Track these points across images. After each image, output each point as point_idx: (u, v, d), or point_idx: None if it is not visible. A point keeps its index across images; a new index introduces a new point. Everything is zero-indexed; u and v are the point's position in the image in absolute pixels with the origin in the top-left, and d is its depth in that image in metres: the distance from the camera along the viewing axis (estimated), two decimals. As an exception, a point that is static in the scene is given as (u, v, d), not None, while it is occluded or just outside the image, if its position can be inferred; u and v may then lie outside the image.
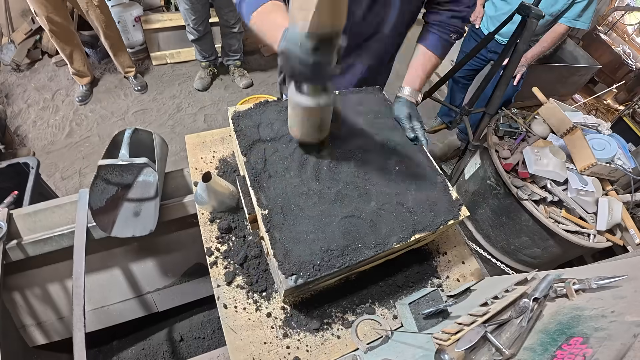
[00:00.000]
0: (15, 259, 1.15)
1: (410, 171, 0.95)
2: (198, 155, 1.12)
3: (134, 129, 1.19)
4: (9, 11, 3.10)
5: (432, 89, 2.20)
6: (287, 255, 0.74)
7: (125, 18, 3.06)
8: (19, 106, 2.87)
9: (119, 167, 1.17)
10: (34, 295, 1.30)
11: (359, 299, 0.94)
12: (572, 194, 1.73)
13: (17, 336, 1.28)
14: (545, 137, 1.98)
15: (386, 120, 1.05)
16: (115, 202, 1.19)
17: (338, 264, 0.75)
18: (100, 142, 2.71)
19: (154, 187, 1.22)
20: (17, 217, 1.16)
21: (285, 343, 0.84)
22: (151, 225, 1.12)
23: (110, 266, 1.38)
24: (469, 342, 0.55)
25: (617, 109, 4.07)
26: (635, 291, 0.51)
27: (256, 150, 0.90)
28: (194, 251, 1.44)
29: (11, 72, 3.11)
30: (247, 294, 0.89)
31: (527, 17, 1.57)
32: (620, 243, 1.73)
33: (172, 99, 3.11)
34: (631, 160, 1.82)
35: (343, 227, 0.80)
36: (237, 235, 0.98)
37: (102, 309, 1.40)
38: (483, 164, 2.01)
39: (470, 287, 0.90)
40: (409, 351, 0.74)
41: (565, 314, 0.57)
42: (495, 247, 2.06)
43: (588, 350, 0.45)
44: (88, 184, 2.60)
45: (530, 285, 0.68)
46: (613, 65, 4.26)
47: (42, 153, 2.59)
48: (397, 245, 0.80)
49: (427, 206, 0.88)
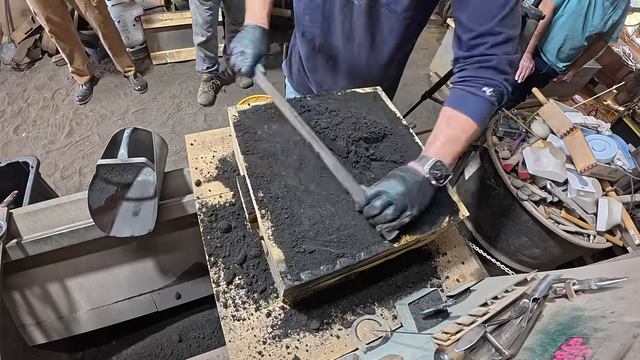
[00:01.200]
0: (15, 258, 1.15)
1: (410, 171, 0.95)
2: (198, 154, 1.12)
3: (133, 129, 1.19)
4: (9, 10, 3.11)
5: (432, 89, 2.20)
6: (287, 255, 0.74)
7: (125, 17, 3.06)
8: (19, 105, 2.87)
9: (118, 166, 1.17)
10: (33, 294, 1.29)
11: (358, 299, 0.94)
12: (572, 194, 1.73)
13: (16, 335, 1.28)
14: (545, 137, 1.98)
15: (384, 119, 1.05)
16: (115, 201, 1.19)
17: (338, 264, 0.75)
18: (100, 142, 2.71)
19: (153, 186, 1.22)
20: (17, 216, 1.16)
21: (284, 343, 0.84)
22: (150, 225, 1.12)
23: (110, 265, 1.38)
24: (469, 342, 0.55)
25: (617, 109, 4.07)
26: (635, 292, 0.51)
27: (256, 150, 0.90)
28: (194, 251, 1.44)
29: (11, 71, 3.11)
30: (247, 294, 0.89)
31: (527, 17, 1.57)
32: (620, 244, 1.73)
33: (172, 99, 3.11)
34: (631, 161, 1.82)
35: (343, 226, 0.80)
36: (237, 235, 0.98)
37: (102, 308, 1.40)
38: (483, 164, 2.01)
39: (470, 287, 0.90)
40: (408, 351, 0.74)
41: (565, 314, 0.57)
42: (495, 248, 2.06)
43: (588, 350, 0.45)
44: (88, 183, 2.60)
45: (530, 286, 0.68)
46: (613, 66, 4.27)
47: (42, 152, 2.59)
48: (397, 245, 0.80)
49: (427, 206, 0.88)
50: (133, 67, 3.04)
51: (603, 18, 2.12)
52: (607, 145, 1.81)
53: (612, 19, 2.13)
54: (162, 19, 3.16)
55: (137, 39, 3.28)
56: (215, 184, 1.06)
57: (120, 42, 2.88)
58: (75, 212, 1.20)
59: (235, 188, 1.05)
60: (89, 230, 1.17)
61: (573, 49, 2.30)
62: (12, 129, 2.71)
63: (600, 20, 2.12)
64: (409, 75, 3.87)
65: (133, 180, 1.25)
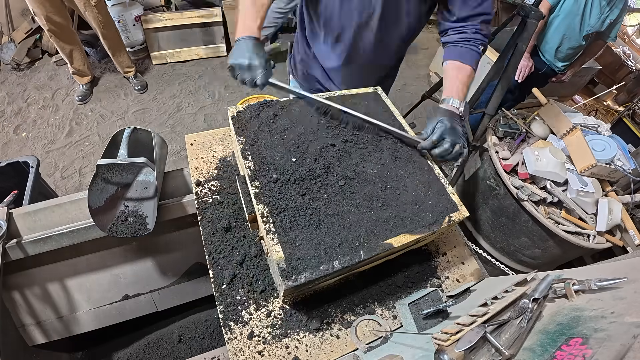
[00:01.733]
0: (15, 258, 1.15)
1: (410, 171, 0.95)
2: (198, 154, 1.12)
3: (133, 129, 1.19)
4: (9, 10, 3.11)
5: (432, 89, 2.20)
6: (287, 255, 0.74)
7: (125, 17, 3.06)
8: (19, 105, 2.87)
9: (118, 166, 1.17)
10: (33, 294, 1.29)
11: (358, 299, 0.94)
12: (571, 194, 1.73)
13: (16, 335, 1.28)
14: (545, 137, 1.98)
15: (385, 119, 1.05)
16: (114, 201, 1.19)
17: (338, 264, 0.75)
18: (100, 141, 2.71)
19: (153, 186, 1.22)
20: (17, 216, 1.16)
21: (284, 343, 0.84)
22: (150, 225, 1.12)
23: (109, 265, 1.38)
24: (469, 342, 0.55)
25: (617, 110, 4.07)
26: (635, 292, 0.51)
27: (256, 150, 0.90)
28: (194, 251, 1.44)
29: (11, 71, 3.11)
30: (247, 294, 0.89)
31: (527, 18, 1.57)
32: (620, 244, 1.73)
33: (172, 99, 3.11)
34: (631, 161, 1.83)
35: (343, 226, 0.80)
36: (237, 235, 0.98)
37: (102, 308, 1.40)
38: (483, 164, 2.01)
39: (469, 287, 0.90)
40: (408, 351, 0.74)
41: (564, 314, 0.57)
42: (495, 248, 2.06)
43: (588, 351, 0.45)
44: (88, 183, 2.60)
45: (530, 286, 0.68)
46: (613, 66, 4.27)
47: (42, 152, 2.59)
48: (396, 245, 0.80)
49: (427, 206, 0.88)
50: (133, 67, 3.04)
51: (600, 17, 2.11)
52: (607, 146, 1.81)
53: (610, 18, 2.12)
54: (162, 19, 3.17)
55: (137, 39, 3.28)
56: (215, 184, 1.06)
57: (120, 43, 2.87)
58: (75, 212, 1.20)
59: (235, 188, 1.05)
60: (89, 230, 1.17)
61: (571, 48, 2.29)
62: (12, 128, 2.71)
63: (598, 19, 2.11)
64: (409, 75, 3.88)
65: (133, 180, 1.25)
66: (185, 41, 3.34)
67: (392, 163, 0.95)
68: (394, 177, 0.92)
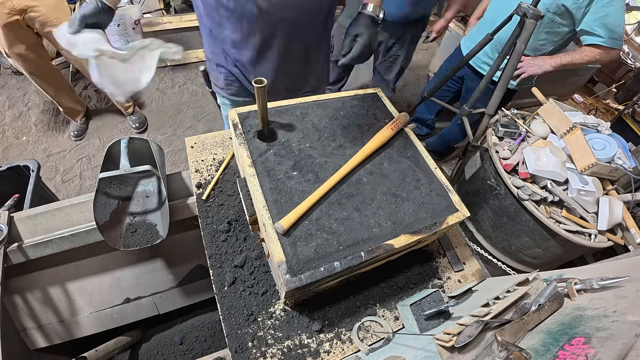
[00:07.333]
0: (16, 261, 1.15)
1: (410, 172, 0.95)
2: (198, 157, 1.12)
3: (129, 139, 1.18)
4: (9, 15, 3.10)
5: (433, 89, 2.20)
6: (288, 256, 0.74)
7: (124, 21, 3.07)
8: (19, 109, 2.88)
9: (118, 179, 1.15)
10: (34, 298, 1.29)
11: (360, 300, 0.94)
12: (572, 193, 1.73)
13: (18, 339, 1.28)
14: (545, 137, 1.97)
15: (385, 122, 1.05)
16: (118, 215, 1.17)
17: (339, 265, 0.75)
18: (101, 145, 2.71)
19: (154, 195, 1.21)
20: (18, 220, 1.17)
21: (286, 345, 0.84)
22: (162, 232, 1.11)
23: (111, 269, 1.38)
24: (468, 337, 0.55)
25: (617, 108, 4.07)
26: (637, 291, 0.51)
27: (256, 152, 0.90)
28: (195, 253, 1.44)
29: (11, 75, 3.11)
30: (248, 296, 0.89)
31: (526, 17, 1.57)
32: (622, 243, 1.72)
33: (171, 101, 3.12)
34: (631, 160, 1.82)
35: (344, 228, 0.80)
36: (238, 237, 0.98)
37: (103, 311, 1.40)
38: (483, 164, 2.01)
39: (471, 287, 0.90)
40: (410, 352, 0.74)
41: (567, 314, 0.56)
42: (496, 248, 2.06)
43: (590, 350, 0.44)
44: (88, 186, 2.59)
45: (532, 286, 0.68)
46: (612, 64, 4.27)
47: (43, 156, 2.60)
48: (397, 245, 0.80)
49: (428, 207, 0.88)
50: (132, 103, 2.85)
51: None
52: (607, 144, 1.80)
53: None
54: (162, 22, 3.17)
55: (137, 42, 3.28)
56: (216, 186, 1.06)
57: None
58: (76, 216, 1.20)
59: (236, 190, 1.05)
60: (90, 233, 1.17)
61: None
62: (12, 132, 2.71)
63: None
64: (409, 75, 3.88)
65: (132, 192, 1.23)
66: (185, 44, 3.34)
67: (392, 164, 0.96)
68: (395, 178, 0.92)
